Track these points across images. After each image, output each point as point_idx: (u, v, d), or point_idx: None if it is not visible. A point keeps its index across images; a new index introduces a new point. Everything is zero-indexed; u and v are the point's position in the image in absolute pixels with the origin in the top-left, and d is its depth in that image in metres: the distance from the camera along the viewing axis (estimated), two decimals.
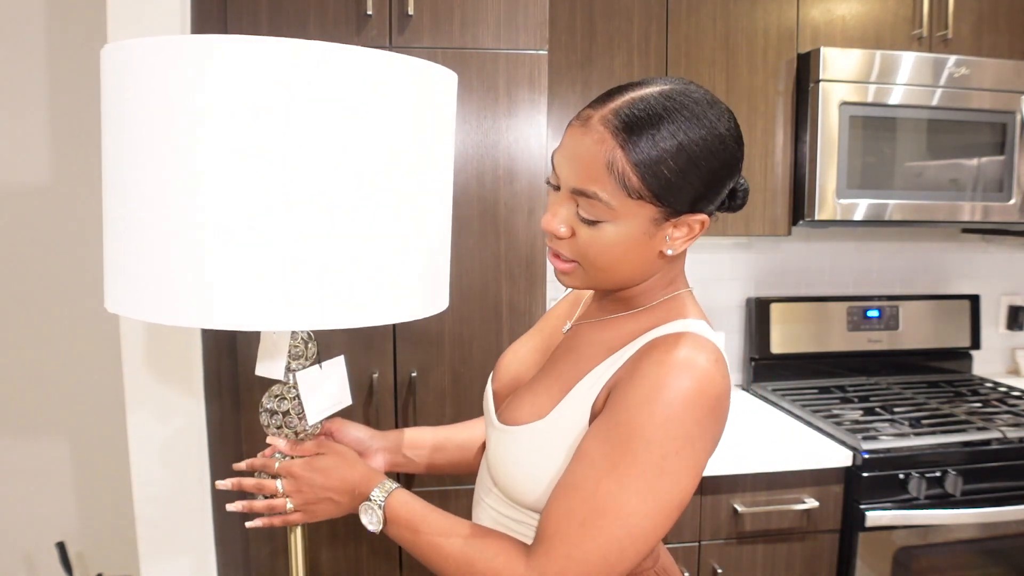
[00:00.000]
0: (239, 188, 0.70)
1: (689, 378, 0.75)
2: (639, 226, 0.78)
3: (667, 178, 0.76)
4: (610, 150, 0.75)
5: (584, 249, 0.80)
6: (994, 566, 1.84)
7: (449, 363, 1.63)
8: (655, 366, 0.76)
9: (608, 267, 0.81)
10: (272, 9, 1.52)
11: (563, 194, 0.81)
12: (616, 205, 0.77)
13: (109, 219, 0.77)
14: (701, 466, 0.77)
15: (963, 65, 1.95)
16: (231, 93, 0.69)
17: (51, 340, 1.90)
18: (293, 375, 0.96)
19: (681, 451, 0.74)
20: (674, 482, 0.75)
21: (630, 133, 0.75)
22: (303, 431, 0.97)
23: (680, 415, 0.74)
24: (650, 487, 0.74)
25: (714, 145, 0.77)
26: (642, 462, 0.74)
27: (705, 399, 0.75)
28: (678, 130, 0.75)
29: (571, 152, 0.79)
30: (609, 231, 0.78)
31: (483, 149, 1.59)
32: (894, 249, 2.44)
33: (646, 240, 0.80)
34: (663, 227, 0.80)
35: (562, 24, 1.88)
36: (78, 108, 1.84)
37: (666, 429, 0.74)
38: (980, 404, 2.10)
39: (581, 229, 0.80)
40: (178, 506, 1.52)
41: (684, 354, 0.76)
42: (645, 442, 0.74)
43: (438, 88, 0.82)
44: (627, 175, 0.75)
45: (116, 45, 0.73)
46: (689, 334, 0.80)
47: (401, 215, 0.79)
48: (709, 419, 0.76)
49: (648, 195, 0.76)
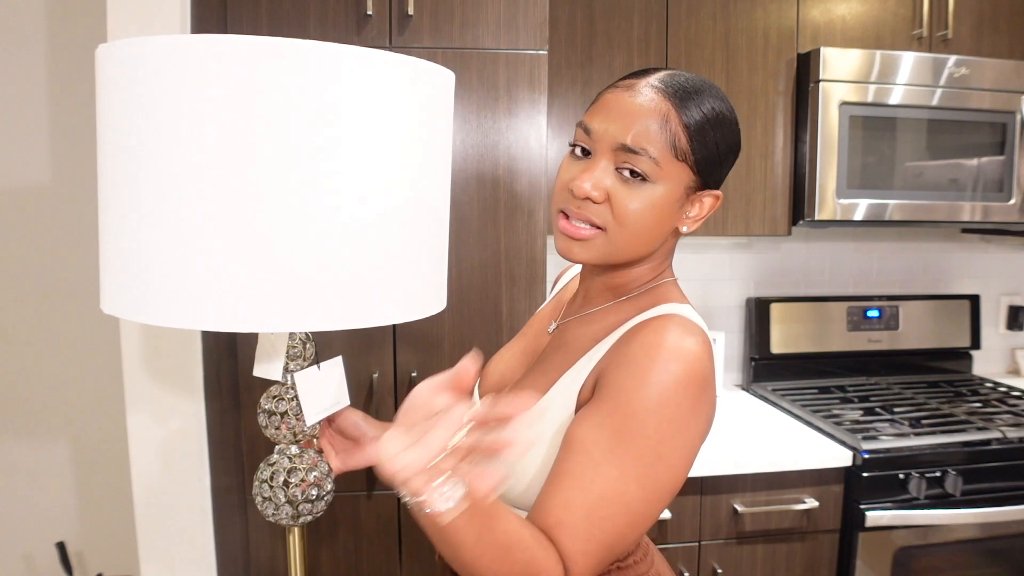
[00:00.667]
0: (235, 188, 0.70)
1: (680, 361, 0.74)
2: (675, 192, 0.80)
3: (708, 145, 0.79)
4: (664, 110, 0.77)
5: (619, 211, 0.79)
6: (994, 566, 1.84)
7: (449, 363, 1.63)
8: (644, 349, 0.75)
9: (637, 232, 0.81)
10: (272, 9, 1.52)
11: (600, 155, 0.80)
12: (663, 164, 0.78)
13: (105, 220, 0.77)
14: (696, 449, 0.77)
15: (963, 65, 1.95)
16: (228, 93, 0.69)
17: (51, 340, 1.90)
18: (291, 376, 0.96)
19: (676, 435, 0.74)
20: (670, 466, 0.74)
21: (682, 97, 0.78)
22: (301, 432, 0.97)
23: (674, 399, 0.73)
24: (648, 473, 0.73)
25: (736, 123, 0.82)
26: (639, 448, 0.73)
27: (696, 382, 0.75)
28: (715, 102, 0.80)
29: (619, 111, 0.79)
30: (647, 192, 0.79)
31: (483, 149, 1.59)
32: (894, 249, 2.44)
33: (675, 209, 0.81)
34: (691, 199, 0.82)
35: (562, 24, 1.88)
36: (78, 108, 1.84)
37: (661, 413, 0.73)
38: (980, 404, 2.10)
39: (618, 190, 0.79)
40: (178, 506, 1.52)
41: (673, 337, 0.76)
42: (641, 427, 0.73)
43: (436, 88, 0.82)
44: (678, 135, 0.77)
45: (111, 45, 0.72)
46: (675, 316, 0.79)
47: (399, 216, 0.79)
48: (701, 401, 0.76)
49: (691, 159, 0.79)
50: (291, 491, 1.03)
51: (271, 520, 1.05)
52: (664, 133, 0.77)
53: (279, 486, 1.02)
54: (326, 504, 1.07)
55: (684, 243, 2.29)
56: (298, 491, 1.03)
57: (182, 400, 1.49)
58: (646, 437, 0.73)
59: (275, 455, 1.05)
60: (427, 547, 1.68)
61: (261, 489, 1.04)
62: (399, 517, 1.67)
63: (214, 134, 0.69)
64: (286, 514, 1.03)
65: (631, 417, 0.73)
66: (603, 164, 0.80)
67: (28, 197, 1.86)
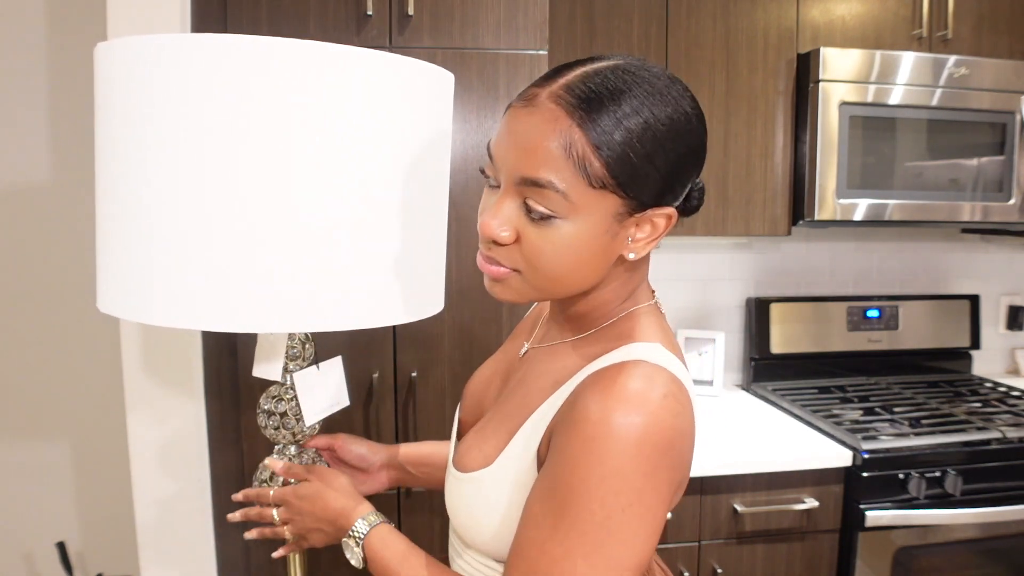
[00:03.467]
0: (235, 188, 0.70)
1: (633, 421, 0.63)
2: (599, 223, 0.66)
3: (633, 162, 0.64)
4: (566, 130, 0.63)
5: (531, 254, 0.68)
6: (994, 566, 1.84)
7: (449, 363, 1.63)
8: (593, 408, 0.65)
9: (558, 275, 0.69)
10: (272, 9, 1.52)
11: (505, 189, 0.68)
12: (574, 197, 0.64)
13: (102, 219, 0.77)
14: (658, 520, 0.66)
15: (963, 65, 1.95)
16: (227, 93, 0.69)
17: (51, 340, 1.90)
18: (291, 376, 0.96)
19: (628, 508, 0.64)
20: (624, 541, 0.64)
21: (588, 110, 0.63)
22: (301, 432, 0.97)
23: (624, 467, 0.63)
24: (597, 550, 0.64)
25: (681, 125, 0.66)
26: (584, 522, 0.64)
27: (653, 445, 0.64)
28: (642, 106, 0.64)
29: (517, 137, 0.66)
30: (563, 230, 0.66)
31: (483, 149, 1.59)
32: (894, 249, 2.44)
33: (607, 241, 0.68)
34: (625, 225, 0.68)
35: (562, 24, 1.88)
36: (78, 108, 1.84)
37: (608, 484, 0.63)
38: (980, 404, 2.10)
39: (528, 230, 0.67)
40: (178, 506, 1.52)
41: (628, 391, 0.65)
42: (587, 501, 0.63)
43: (435, 89, 0.82)
44: (588, 159, 0.63)
45: (110, 44, 0.72)
46: (633, 363, 0.68)
47: (398, 217, 0.79)
48: (660, 469, 0.65)
49: (612, 183, 0.64)
50: None
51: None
52: (570, 159, 0.63)
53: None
54: None
55: (684, 243, 2.29)
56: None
57: (182, 400, 1.48)
58: (591, 512, 0.64)
59: (275, 455, 1.05)
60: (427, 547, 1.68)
61: None
62: (399, 517, 1.67)
63: (213, 133, 0.69)
64: None
65: (576, 489, 0.64)
66: (508, 200, 0.68)
67: (28, 197, 1.86)
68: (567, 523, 0.64)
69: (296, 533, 0.94)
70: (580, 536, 0.64)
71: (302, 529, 0.92)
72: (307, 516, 0.91)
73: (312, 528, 0.91)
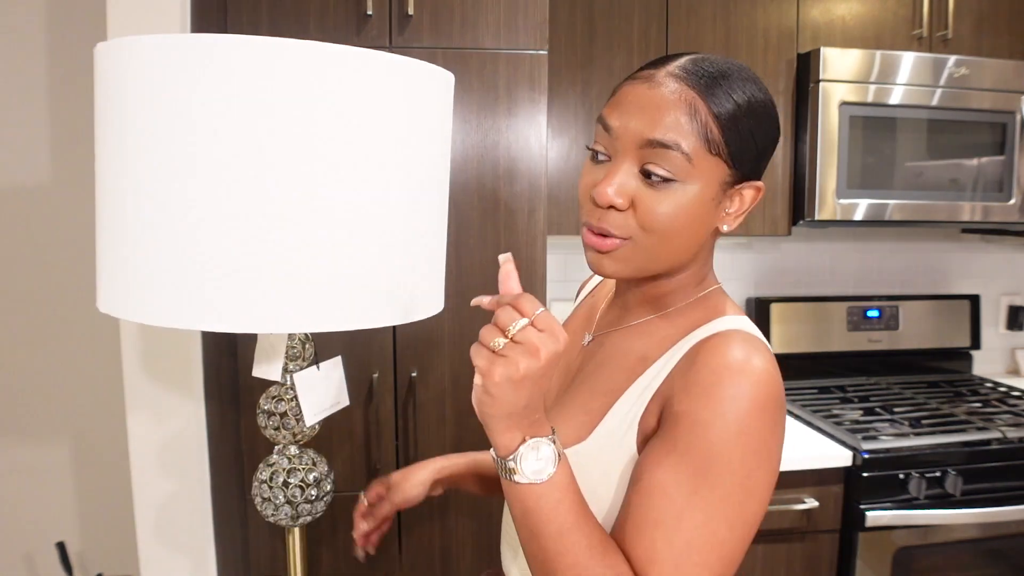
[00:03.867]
0: (234, 188, 0.70)
1: (752, 383, 0.67)
2: (709, 189, 0.71)
3: (741, 134, 0.71)
4: (690, 99, 0.69)
5: (646, 218, 0.71)
6: (994, 566, 1.84)
7: (449, 363, 1.63)
8: (712, 373, 0.68)
9: (669, 239, 0.72)
10: (272, 9, 1.52)
11: (622, 156, 0.72)
12: (695, 160, 0.69)
13: (102, 219, 0.77)
14: (777, 475, 0.70)
15: (963, 65, 1.95)
16: (226, 93, 0.69)
17: (51, 340, 1.90)
18: (291, 376, 0.96)
19: (761, 464, 0.67)
20: (759, 500, 0.67)
21: (707, 85, 0.70)
22: (301, 432, 0.97)
23: (755, 425, 0.66)
24: (738, 512, 0.66)
25: (771, 110, 0.74)
26: (726, 485, 0.65)
27: (773, 402, 0.68)
28: (744, 87, 0.72)
29: (642, 105, 0.71)
30: (680, 192, 0.70)
31: (483, 149, 1.59)
32: (894, 249, 2.44)
33: (712, 208, 0.73)
34: (727, 195, 0.74)
35: (562, 24, 1.88)
36: (78, 108, 1.84)
37: (745, 444, 0.66)
38: (980, 404, 2.10)
39: (643, 195, 0.71)
40: (178, 506, 1.52)
41: (740, 356, 0.68)
42: (726, 462, 0.65)
43: (435, 89, 0.82)
44: (709, 126, 0.69)
45: (110, 43, 0.72)
46: (738, 332, 0.72)
47: (397, 217, 0.79)
48: (779, 424, 0.69)
49: (725, 152, 0.70)
50: (290, 491, 1.03)
51: (271, 520, 1.05)
52: (694, 124, 0.69)
53: (278, 486, 1.02)
54: (326, 504, 1.08)
55: None
56: (297, 491, 1.03)
57: (182, 400, 1.48)
58: (732, 473, 0.65)
59: (275, 455, 1.05)
60: (427, 547, 1.68)
61: (260, 489, 1.04)
62: (399, 517, 1.66)
63: (213, 134, 0.69)
64: (285, 514, 1.03)
65: (714, 452, 0.65)
66: (626, 166, 0.71)
67: (28, 197, 1.86)
68: (708, 486, 0.65)
69: (499, 376, 0.63)
70: (723, 499, 0.65)
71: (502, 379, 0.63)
72: (522, 360, 0.62)
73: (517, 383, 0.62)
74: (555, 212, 1.92)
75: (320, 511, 1.07)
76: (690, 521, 0.65)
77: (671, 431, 0.68)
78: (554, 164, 1.92)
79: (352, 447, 1.63)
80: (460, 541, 1.69)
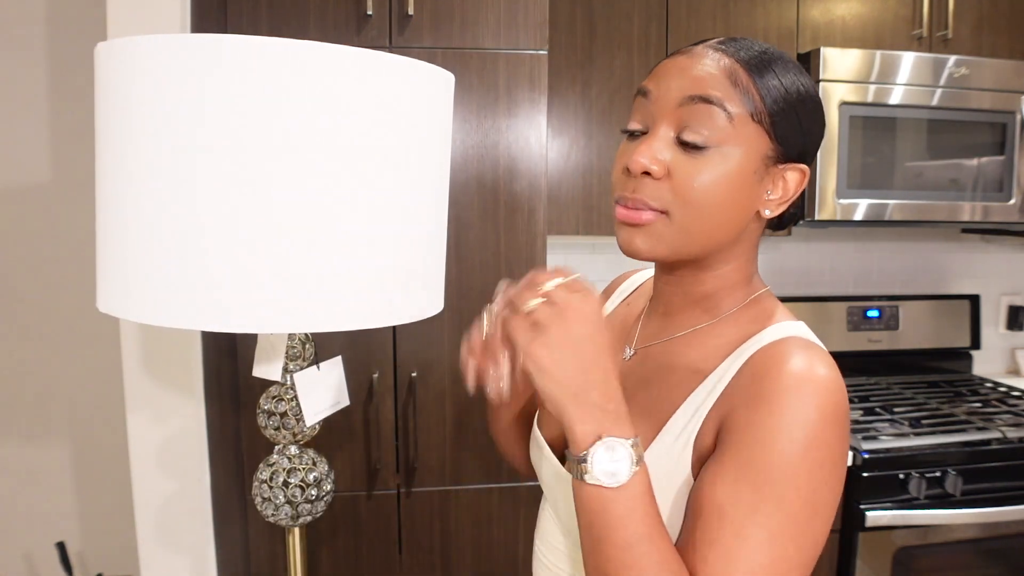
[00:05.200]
0: (234, 188, 0.70)
1: (817, 393, 0.63)
2: (751, 158, 0.68)
3: (785, 109, 0.68)
4: (731, 66, 0.67)
5: (683, 185, 0.67)
6: (994, 566, 1.84)
7: (449, 363, 1.63)
8: (774, 384, 0.63)
9: (708, 212, 0.68)
10: (272, 9, 1.52)
11: (660, 122, 0.69)
12: (737, 123, 0.66)
13: (102, 219, 0.77)
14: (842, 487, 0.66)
15: (963, 65, 1.95)
16: (226, 93, 0.69)
17: (51, 340, 1.90)
18: (291, 376, 0.96)
19: (829, 478, 0.63)
20: (824, 516, 0.63)
21: (749, 60, 0.68)
22: (301, 432, 0.97)
23: (821, 437, 0.62)
24: (805, 530, 0.61)
25: (817, 99, 0.71)
26: (791, 501, 0.61)
27: (839, 411, 0.64)
28: (788, 70, 0.69)
29: (681, 69, 0.69)
30: (719, 159, 0.67)
31: (483, 149, 1.59)
32: (894, 249, 2.44)
33: (753, 183, 0.69)
34: (769, 173, 0.69)
35: (562, 24, 1.88)
36: (78, 108, 1.84)
37: (811, 458, 0.61)
38: (980, 404, 2.10)
39: (680, 162, 0.67)
40: (178, 506, 1.52)
41: (802, 365, 0.64)
42: (792, 476, 0.61)
43: (435, 89, 0.82)
44: (751, 91, 0.67)
45: (111, 43, 0.72)
46: (795, 339, 0.68)
47: (397, 217, 0.79)
48: (844, 437, 0.65)
49: (767, 122, 0.67)
50: (290, 491, 1.03)
51: (271, 520, 1.05)
52: (736, 90, 0.66)
53: (278, 486, 1.03)
54: (326, 504, 1.08)
55: None
56: (297, 491, 1.03)
57: (182, 400, 1.49)
58: (798, 489, 0.61)
59: (275, 455, 1.05)
60: (427, 547, 1.68)
61: (260, 489, 1.04)
62: (399, 517, 1.67)
63: (213, 134, 0.69)
64: (285, 514, 1.03)
65: (777, 468, 0.61)
66: (662, 131, 0.68)
67: (28, 196, 1.86)
68: (771, 503, 0.61)
69: (540, 345, 0.60)
70: (787, 516, 0.61)
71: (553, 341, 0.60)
72: (559, 321, 0.60)
73: (566, 351, 0.60)
74: (555, 212, 1.91)
75: (320, 511, 1.07)
76: (752, 540, 0.60)
77: (729, 448, 0.64)
78: (554, 164, 1.92)
79: (352, 447, 1.63)
80: (460, 541, 1.69)
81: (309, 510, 1.04)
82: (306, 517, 1.05)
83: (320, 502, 1.06)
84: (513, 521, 1.70)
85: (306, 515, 1.04)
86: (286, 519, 1.04)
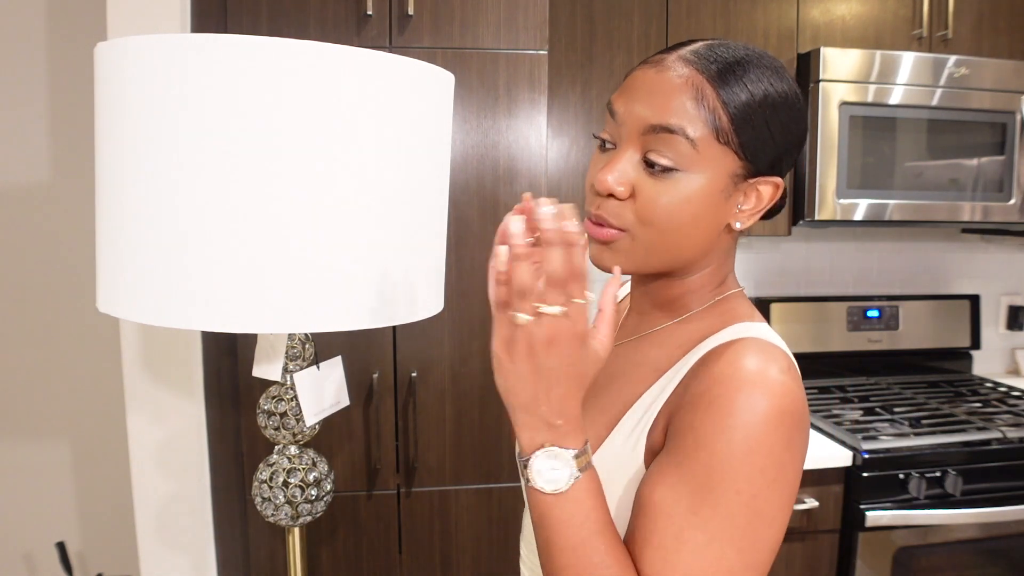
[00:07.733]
0: (234, 188, 0.70)
1: (766, 395, 0.62)
2: (717, 180, 0.67)
3: (754, 125, 0.66)
4: (698, 84, 0.65)
5: (646, 208, 0.67)
6: (994, 566, 1.84)
7: (449, 363, 1.63)
8: (721, 384, 0.63)
9: (671, 232, 0.68)
10: (272, 9, 1.52)
11: (626, 143, 0.68)
12: (701, 147, 0.65)
13: (102, 219, 0.77)
14: (795, 495, 0.64)
15: (963, 65, 1.95)
16: (226, 93, 0.69)
17: (51, 340, 1.90)
18: (291, 376, 0.96)
19: (773, 483, 0.61)
20: (769, 520, 0.62)
21: (718, 71, 0.66)
22: (301, 432, 0.97)
23: (766, 442, 0.61)
24: (744, 533, 0.61)
25: (794, 103, 0.69)
26: (729, 503, 0.60)
27: (789, 417, 0.62)
28: (763, 77, 0.67)
29: (648, 89, 0.67)
30: (684, 183, 0.66)
31: (483, 149, 1.59)
32: (894, 249, 2.44)
33: (721, 202, 0.68)
34: (738, 189, 0.69)
35: (562, 24, 1.88)
36: (78, 108, 1.84)
37: (753, 461, 0.61)
38: (980, 404, 2.10)
39: (644, 184, 0.67)
40: (178, 506, 1.52)
41: (753, 365, 0.63)
42: (731, 479, 0.60)
43: (435, 90, 0.82)
44: (717, 112, 0.65)
45: (111, 43, 0.72)
46: (752, 339, 0.67)
47: (397, 217, 0.79)
48: (795, 441, 0.63)
49: (735, 142, 0.66)
50: (290, 491, 1.03)
51: (270, 520, 1.05)
52: (701, 110, 0.65)
53: (278, 486, 1.03)
54: (326, 504, 1.08)
55: None
56: (297, 491, 1.04)
57: (182, 400, 1.48)
58: (738, 493, 0.61)
59: (275, 455, 1.05)
60: (427, 547, 1.68)
61: (260, 489, 1.04)
62: (399, 517, 1.67)
63: (213, 133, 0.69)
64: (285, 514, 1.03)
65: (716, 470, 0.61)
66: (628, 154, 0.68)
67: (28, 196, 1.86)
68: (709, 506, 0.61)
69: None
70: (726, 519, 0.61)
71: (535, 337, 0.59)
72: (540, 350, 0.60)
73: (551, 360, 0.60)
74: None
75: (320, 511, 1.07)
76: (690, 543, 0.61)
77: (672, 448, 0.64)
78: (554, 164, 1.92)
79: (352, 447, 1.63)
80: (460, 541, 1.69)
81: (309, 510, 1.04)
82: (306, 517, 1.05)
83: (320, 502, 1.06)
84: (513, 521, 1.70)
85: (306, 515, 1.04)
86: (286, 519, 1.04)
